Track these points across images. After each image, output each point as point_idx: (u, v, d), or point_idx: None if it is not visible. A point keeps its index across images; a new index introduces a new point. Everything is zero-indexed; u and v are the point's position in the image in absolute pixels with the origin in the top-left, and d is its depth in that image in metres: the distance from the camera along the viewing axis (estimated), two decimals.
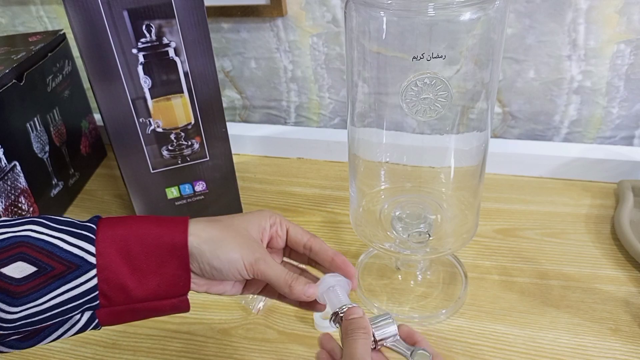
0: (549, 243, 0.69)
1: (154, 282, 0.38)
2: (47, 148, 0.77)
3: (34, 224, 0.36)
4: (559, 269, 0.65)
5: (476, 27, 0.47)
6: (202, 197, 0.74)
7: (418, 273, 0.65)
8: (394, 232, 0.59)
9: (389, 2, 0.46)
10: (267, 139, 0.90)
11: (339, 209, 0.78)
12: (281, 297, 0.45)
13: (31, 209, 0.73)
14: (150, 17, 0.61)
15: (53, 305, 0.36)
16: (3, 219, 0.37)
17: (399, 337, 0.40)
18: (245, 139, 0.91)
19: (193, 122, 0.68)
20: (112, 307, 0.37)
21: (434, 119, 0.50)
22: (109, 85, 0.63)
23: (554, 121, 0.84)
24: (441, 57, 0.46)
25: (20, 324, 0.36)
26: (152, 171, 0.70)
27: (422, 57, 0.46)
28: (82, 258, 0.35)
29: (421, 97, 0.48)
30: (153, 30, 0.62)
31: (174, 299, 0.39)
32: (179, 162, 0.70)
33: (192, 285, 0.40)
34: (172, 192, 0.73)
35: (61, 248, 0.35)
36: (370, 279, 0.65)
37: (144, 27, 0.61)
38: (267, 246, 0.45)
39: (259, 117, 0.97)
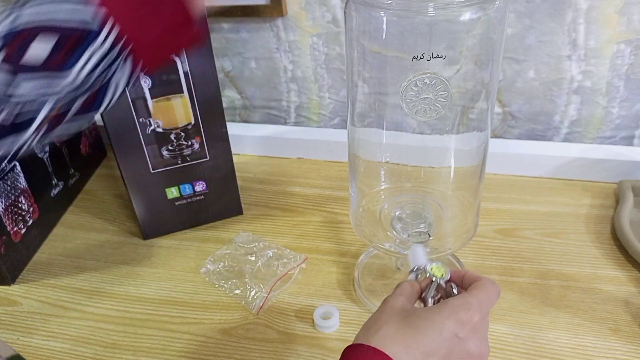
0: (549, 243, 0.69)
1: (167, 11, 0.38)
2: (47, 148, 0.77)
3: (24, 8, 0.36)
4: (559, 269, 0.65)
5: (476, 27, 0.47)
6: (202, 197, 0.74)
7: None
8: (394, 232, 0.59)
9: (389, 2, 0.45)
10: (267, 139, 0.90)
11: (339, 209, 0.78)
12: None
13: (31, 209, 0.73)
14: None
15: (92, 70, 0.37)
16: None
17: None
18: (245, 139, 0.91)
19: (193, 122, 0.68)
20: (138, 45, 0.38)
21: (434, 119, 0.50)
22: None
23: (554, 121, 0.84)
24: (441, 57, 0.46)
25: (75, 87, 0.37)
26: (152, 171, 0.70)
27: (422, 57, 0.46)
28: (90, 19, 0.36)
29: (421, 97, 0.48)
30: None
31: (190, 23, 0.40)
32: (179, 162, 0.71)
33: None
34: (172, 192, 0.73)
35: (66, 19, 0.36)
36: (370, 279, 0.65)
37: None
38: None
39: (259, 117, 0.97)
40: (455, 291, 0.42)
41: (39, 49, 0.35)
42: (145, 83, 0.64)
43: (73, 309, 0.65)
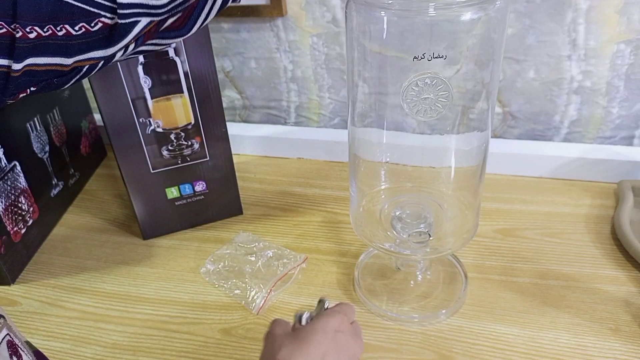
0: (549, 243, 0.69)
1: None
2: (47, 148, 0.77)
3: None
4: (559, 269, 0.65)
5: (477, 27, 0.47)
6: (202, 197, 0.74)
7: (418, 273, 0.65)
8: (394, 232, 0.59)
9: (390, 2, 0.45)
10: (267, 139, 0.90)
11: (339, 209, 0.78)
12: None
13: (31, 209, 0.73)
14: None
15: None
16: None
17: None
18: (245, 139, 0.91)
19: (193, 122, 0.68)
20: None
21: (435, 119, 0.50)
22: (109, 85, 0.63)
23: (554, 121, 0.84)
24: (442, 57, 0.46)
25: (171, 7, 0.40)
26: (152, 171, 0.70)
27: (422, 57, 0.46)
28: None
29: (422, 97, 0.48)
30: None
31: None
32: (179, 162, 0.71)
33: None
34: (172, 192, 0.73)
35: None
36: (370, 279, 0.65)
37: None
38: None
39: (259, 117, 0.97)
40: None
41: None
42: (145, 83, 0.64)
43: (73, 309, 0.65)
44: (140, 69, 0.63)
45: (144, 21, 0.39)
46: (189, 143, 0.70)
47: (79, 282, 0.68)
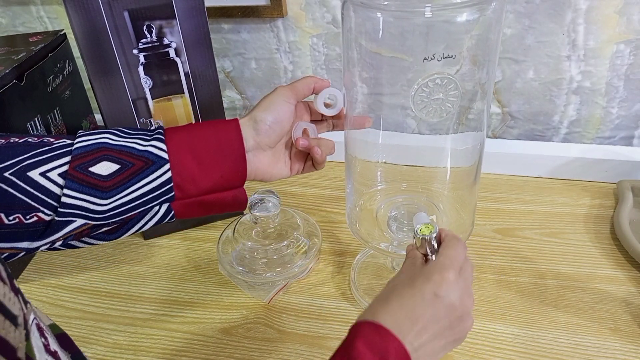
0: (548, 243, 0.69)
1: (217, 174, 0.44)
2: None
3: (109, 133, 0.43)
4: (558, 268, 0.65)
5: (474, 28, 0.47)
6: None
7: None
8: (390, 232, 0.59)
9: (386, 3, 0.46)
10: None
11: (338, 209, 0.78)
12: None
13: None
14: (151, 17, 0.61)
15: (136, 197, 0.42)
16: (81, 131, 0.43)
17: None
18: None
19: (194, 122, 0.69)
20: (184, 199, 0.44)
21: (435, 120, 0.50)
22: (109, 86, 0.63)
23: (553, 121, 0.84)
24: (451, 57, 0.46)
25: (109, 215, 0.41)
26: None
27: (432, 57, 0.46)
28: (156, 155, 0.42)
29: (432, 97, 0.48)
30: (154, 31, 0.62)
31: (234, 190, 0.46)
32: None
33: (247, 174, 0.47)
34: None
35: (138, 149, 0.42)
36: (367, 278, 0.65)
37: (144, 27, 0.61)
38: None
39: None
40: (434, 244, 0.45)
41: (104, 168, 0.40)
42: (146, 83, 0.64)
43: (73, 308, 0.65)
44: (141, 69, 0.63)
45: (79, 222, 0.40)
46: None
47: (80, 282, 0.69)
